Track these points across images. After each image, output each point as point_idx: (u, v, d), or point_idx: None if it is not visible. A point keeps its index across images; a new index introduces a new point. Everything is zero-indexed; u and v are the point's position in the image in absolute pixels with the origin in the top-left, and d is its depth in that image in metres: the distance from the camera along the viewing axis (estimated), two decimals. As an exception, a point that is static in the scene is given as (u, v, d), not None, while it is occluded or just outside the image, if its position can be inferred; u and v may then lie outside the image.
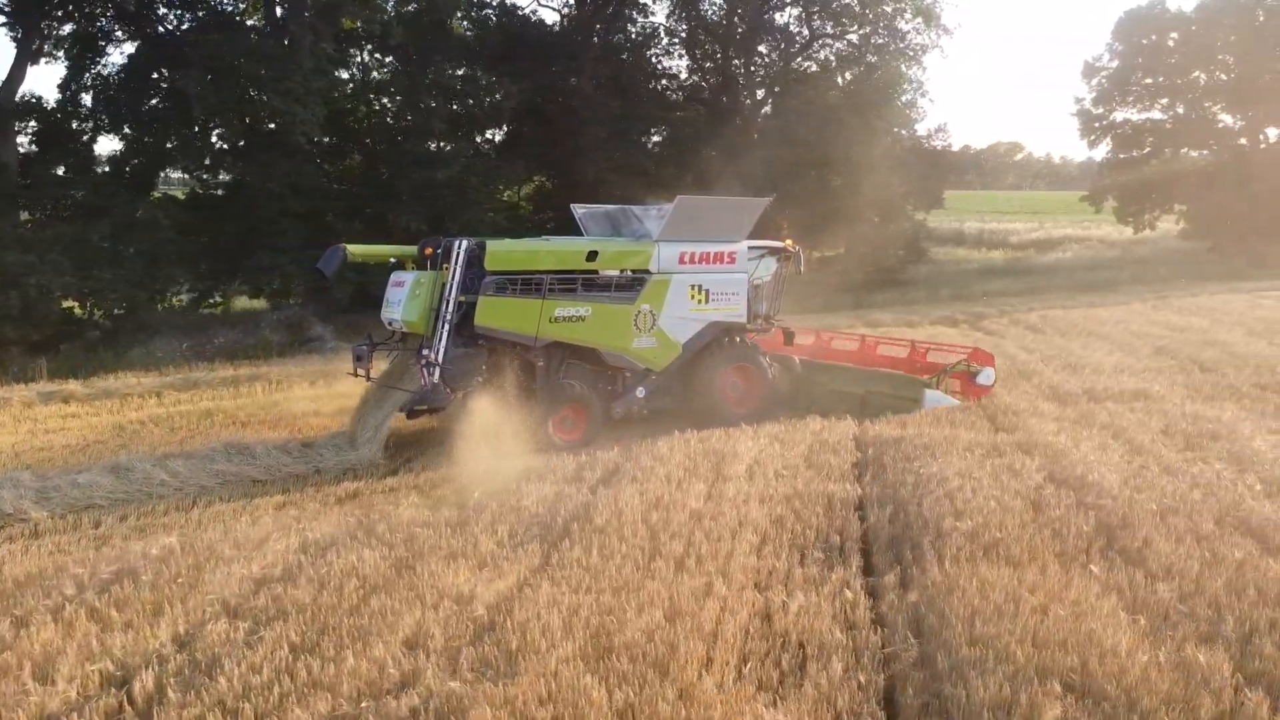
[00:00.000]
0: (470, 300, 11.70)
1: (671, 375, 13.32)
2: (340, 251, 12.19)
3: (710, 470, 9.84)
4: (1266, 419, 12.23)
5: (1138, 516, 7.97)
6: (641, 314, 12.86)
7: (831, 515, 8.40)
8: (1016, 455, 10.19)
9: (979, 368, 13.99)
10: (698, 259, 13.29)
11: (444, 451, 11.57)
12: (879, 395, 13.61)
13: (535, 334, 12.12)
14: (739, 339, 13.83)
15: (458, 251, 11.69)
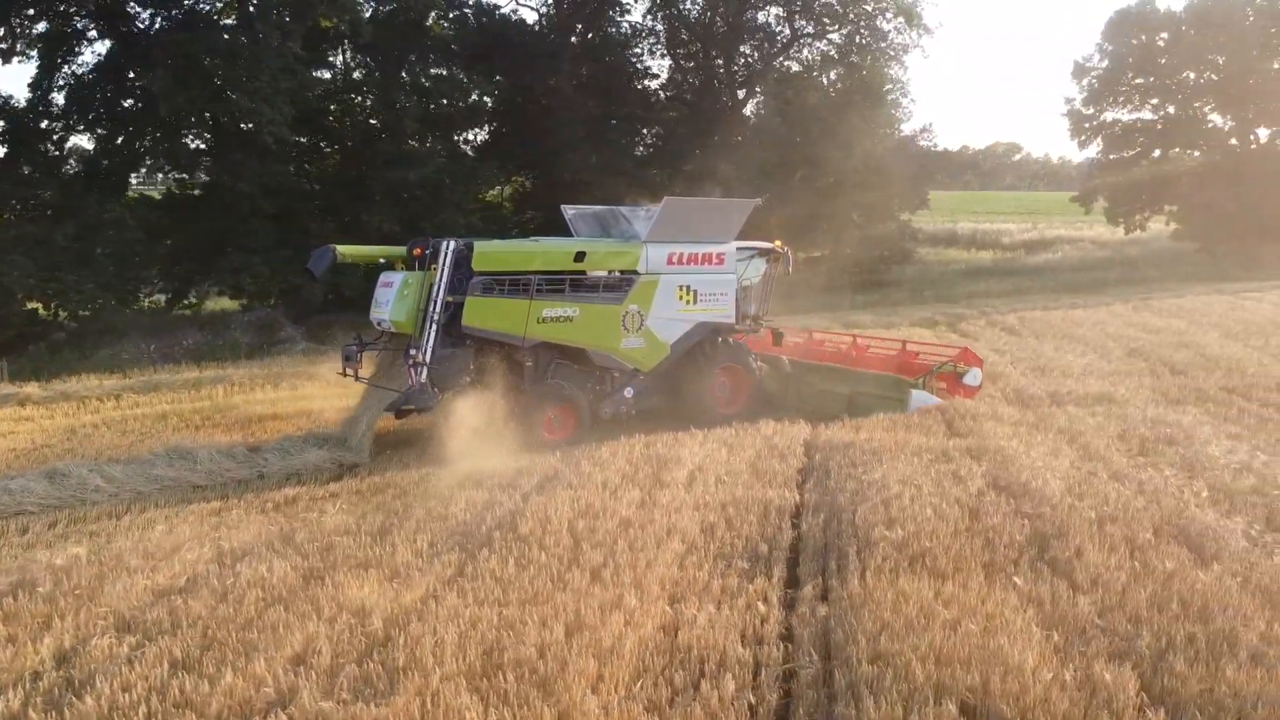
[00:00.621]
0: (458, 300, 11.71)
1: (659, 375, 13.33)
2: (329, 252, 12.20)
3: (649, 477, 9.64)
4: (1228, 423, 12.05)
5: (1074, 525, 7.77)
6: (629, 314, 12.89)
7: (765, 524, 8.21)
8: (964, 461, 10.00)
9: (966, 368, 13.99)
10: (686, 260, 13.32)
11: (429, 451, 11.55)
12: (866, 396, 13.63)
13: (523, 334, 12.14)
14: (727, 340, 13.83)
15: (445, 252, 11.69)
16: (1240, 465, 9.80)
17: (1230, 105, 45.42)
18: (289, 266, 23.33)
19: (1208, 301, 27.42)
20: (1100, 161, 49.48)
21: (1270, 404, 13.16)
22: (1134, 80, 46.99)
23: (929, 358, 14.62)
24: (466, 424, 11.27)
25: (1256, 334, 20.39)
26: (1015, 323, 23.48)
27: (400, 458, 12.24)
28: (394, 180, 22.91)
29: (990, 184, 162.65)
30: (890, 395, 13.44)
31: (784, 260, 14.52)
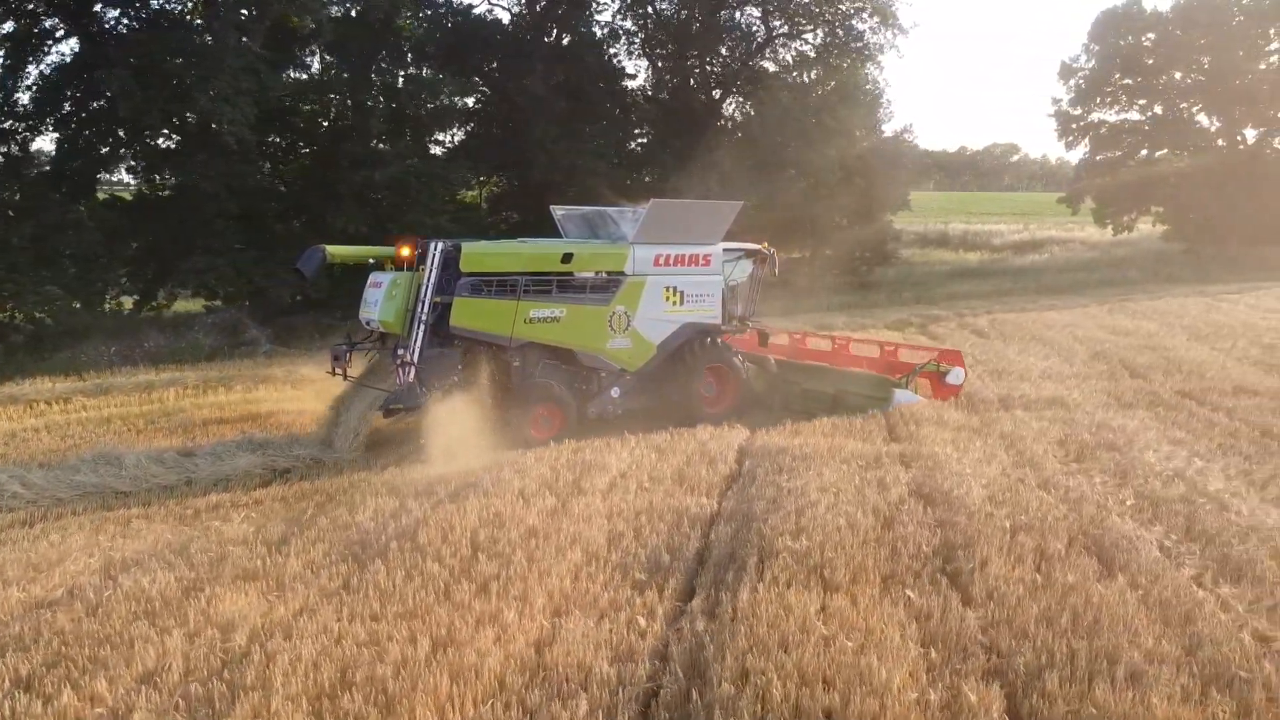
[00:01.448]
0: (446, 301, 11.84)
1: (646, 375, 13.44)
2: (319, 252, 12.36)
3: (570, 484, 9.45)
4: (1174, 428, 11.87)
5: (985, 535, 7.58)
6: (616, 315, 13.02)
7: (674, 533, 8.01)
8: (893, 467, 9.82)
9: (948, 367, 14.08)
10: (672, 261, 13.44)
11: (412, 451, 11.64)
12: (850, 395, 13.72)
13: (510, 334, 12.28)
14: (714, 340, 13.93)
15: (433, 253, 11.82)
16: (1174, 472, 9.61)
17: (1217, 106, 45.24)
18: (255, 267, 23.21)
19: (1184, 304, 27.24)
20: (1087, 162, 49.29)
21: (1221, 408, 12.97)
22: (1121, 81, 46.81)
23: (912, 357, 14.73)
24: (454, 423, 11.35)
25: (1226, 336, 20.21)
26: (986, 325, 23.30)
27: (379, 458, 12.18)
28: (360, 181, 22.72)
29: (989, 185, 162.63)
30: (874, 395, 13.54)
31: (770, 261, 14.66)
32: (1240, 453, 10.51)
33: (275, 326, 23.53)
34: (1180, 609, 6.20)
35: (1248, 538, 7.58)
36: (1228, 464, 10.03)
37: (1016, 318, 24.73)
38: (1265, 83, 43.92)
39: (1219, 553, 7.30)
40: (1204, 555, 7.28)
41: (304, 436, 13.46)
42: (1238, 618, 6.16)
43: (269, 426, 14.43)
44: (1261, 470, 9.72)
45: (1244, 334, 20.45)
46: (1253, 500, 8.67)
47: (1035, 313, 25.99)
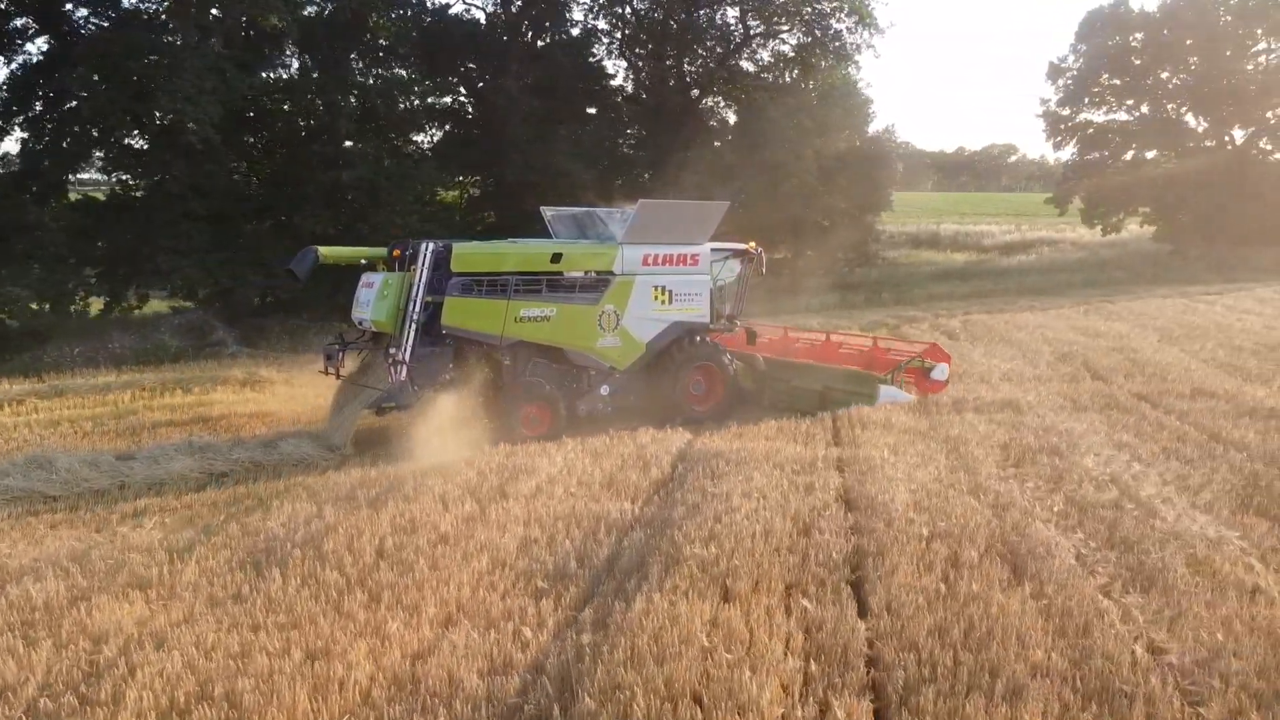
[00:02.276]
0: (437, 300, 12.02)
1: (635, 374, 13.62)
2: (312, 253, 12.42)
3: (494, 489, 9.32)
4: (1123, 431, 11.71)
5: (900, 542, 7.45)
6: (605, 314, 13.18)
7: (589, 540, 7.86)
8: (826, 472, 9.68)
9: (933, 364, 14.21)
10: (661, 260, 13.62)
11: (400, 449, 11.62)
12: (837, 392, 13.84)
13: (501, 333, 12.45)
14: (702, 339, 14.08)
15: (425, 253, 12.01)
16: (1110, 477, 9.46)
17: (1204, 106, 45.10)
18: (223, 268, 23.06)
19: (1162, 305, 27.12)
20: (1074, 162, 49.14)
21: (1174, 411, 12.82)
22: (1110, 81, 46.67)
23: (897, 354, 14.83)
24: (444, 421, 11.50)
25: (1197, 337, 20.07)
26: (958, 326, 23.14)
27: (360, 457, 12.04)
28: (328, 182, 22.56)
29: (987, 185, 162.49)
30: (860, 391, 13.65)
31: (757, 261, 14.84)
32: (1183, 457, 10.36)
33: (243, 327, 23.36)
34: (1079, 620, 6.05)
35: (1167, 545, 7.43)
36: (1167, 468, 9.88)
37: (990, 319, 24.59)
38: (1252, 83, 43.81)
39: (1135, 560, 7.15)
40: (1118, 563, 7.13)
41: (249, 439, 13.29)
42: (1136, 629, 6.01)
43: (218, 429, 14.27)
44: (1198, 474, 9.56)
45: (1216, 335, 20.32)
46: (1181, 505, 8.52)
47: (1011, 314, 25.85)
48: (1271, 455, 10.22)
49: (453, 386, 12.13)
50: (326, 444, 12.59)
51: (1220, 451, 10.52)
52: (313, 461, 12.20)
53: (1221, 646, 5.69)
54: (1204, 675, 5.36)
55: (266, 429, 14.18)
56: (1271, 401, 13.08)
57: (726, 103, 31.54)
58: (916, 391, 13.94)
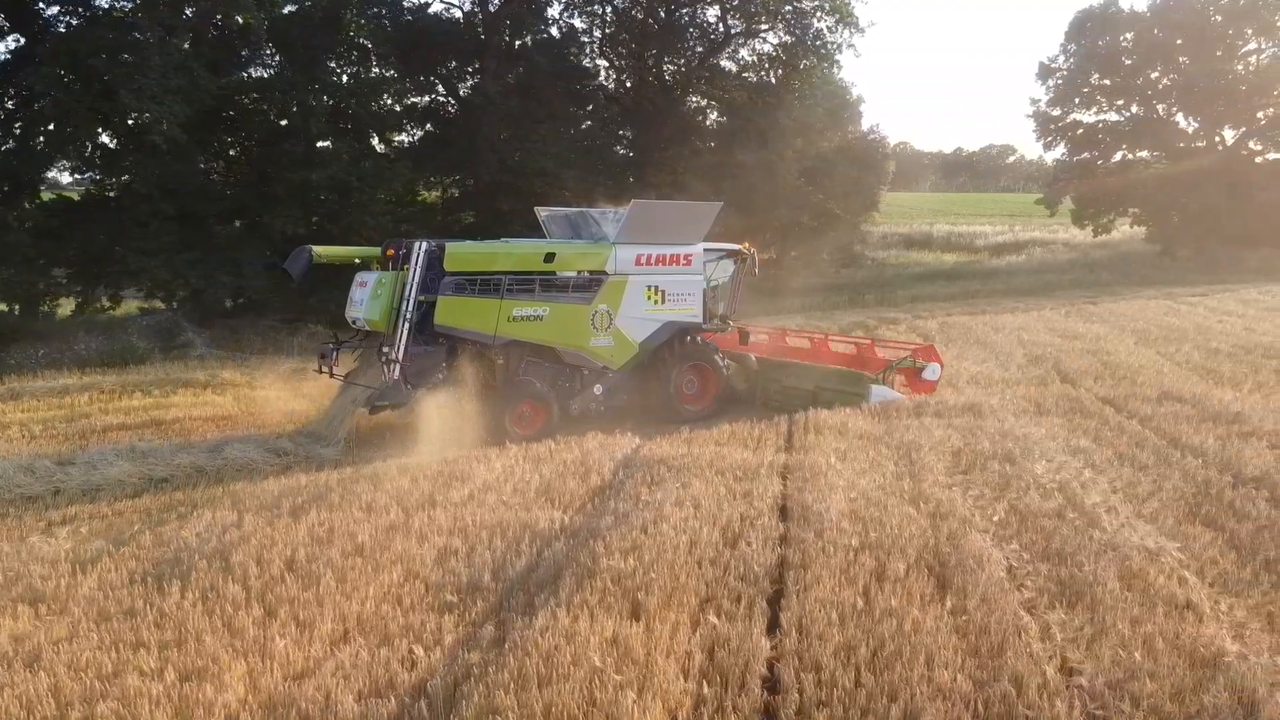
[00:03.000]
0: (430, 300, 12.12)
1: (629, 373, 13.74)
2: (306, 253, 12.45)
3: (424, 496, 9.07)
4: (1082, 436, 11.46)
5: (829, 553, 7.21)
6: (598, 314, 13.30)
7: (511, 551, 7.61)
8: (768, 479, 9.43)
9: (924, 363, 14.25)
10: (654, 261, 13.73)
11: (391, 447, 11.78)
12: (828, 391, 13.91)
13: (494, 333, 12.53)
14: (695, 338, 14.25)
15: (418, 253, 12.10)
16: (1058, 484, 9.20)
17: (1195, 106, 44.83)
18: (193, 269, 22.82)
19: (1144, 306, 26.87)
20: (1065, 163, 48.90)
21: (1137, 415, 12.57)
22: (1101, 81, 46.42)
23: (888, 353, 14.88)
24: (437, 420, 11.64)
25: (1174, 340, 19.82)
26: (935, 328, 22.90)
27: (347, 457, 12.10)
28: (298, 181, 22.31)
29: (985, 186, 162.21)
30: (851, 390, 13.70)
31: (750, 261, 14.97)
32: (1137, 463, 10.11)
33: (214, 329, 23.15)
34: (996, 638, 5.80)
35: (1102, 556, 7.18)
36: (1118, 475, 9.63)
37: (969, 320, 24.34)
38: (1243, 83, 43.57)
39: (1066, 573, 6.90)
40: (1049, 576, 6.88)
41: (197, 443, 13.06)
42: (1053, 648, 5.76)
43: (169, 433, 14.04)
44: (1148, 482, 9.32)
45: (1194, 338, 20.06)
46: (1125, 514, 8.27)
47: (991, 315, 25.60)
48: (1227, 462, 9.96)
49: (446, 386, 12.22)
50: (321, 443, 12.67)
51: (1176, 458, 10.26)
52: (257, 466, 11.98)
53: (1139, 667, 5.45)
54: (1114, 698, 5.12)
55: (220, 433, 13.98)
56: (1238, 406, 12.82)
57: (708, 103, 31.29)
58: (910, 391, 13.97)
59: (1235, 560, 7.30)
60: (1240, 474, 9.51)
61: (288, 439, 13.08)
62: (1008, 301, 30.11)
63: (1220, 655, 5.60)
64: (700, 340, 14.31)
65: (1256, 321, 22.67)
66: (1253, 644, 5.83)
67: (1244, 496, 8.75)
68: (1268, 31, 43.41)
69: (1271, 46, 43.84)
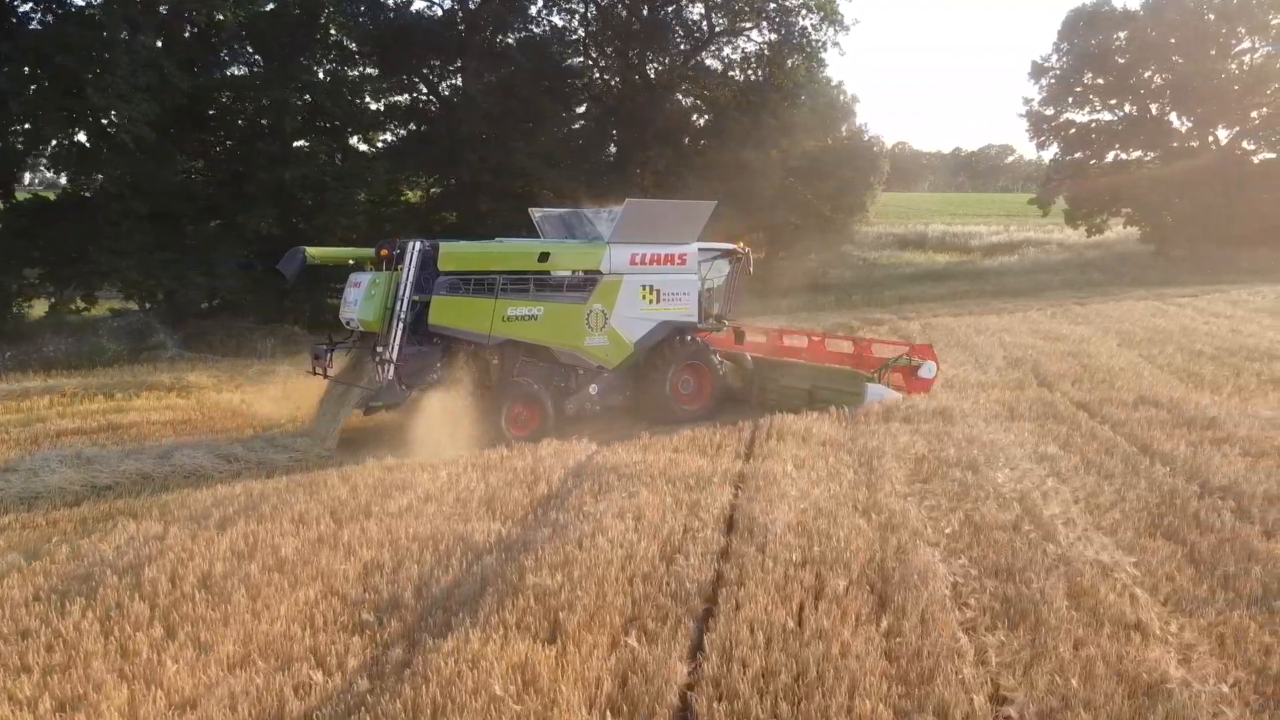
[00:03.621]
0: (424, 300, 12.05)
1: (624, 373, 13.75)
2: (300, 254, 12.42)
3: (360, 506, 8.75)
4: (1051, 442, 11.14)
5: (768, 569, 6.90)
6: (593, 313, 13.28)
7: (440, 566, 7.29)
8: (719, 489, 9.13)
9: (920, 362, 14.18)
10: (649, 260, 13.71)
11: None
12: (824, 390, 13.90)
13: (488, 332, 12.47)
14: (691, 338, 14.20)
15: (411, 253, 12.04)
16: (1018, 494, 8.89)
17: (1188, 106, 44.50)
18: (166, 270, 22.51)
19: (1132, 307, 26.56)
20: (1058, 163, 48.57)
21: (1110, 420, 12.27)
22: (1095, 81, 46.08)
23: (885, 352, 14.84)
24: (431, 421, 11.63)
25: (1159, 341, 19.51)
26: (918, 330, 22.60)
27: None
28: (272, 180, 21.98)
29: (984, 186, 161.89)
30: (847, 390, 13.66)
31: (745, 261, 14.93)
32: (1104, 471, 9.79)
33: (187, 330, 22.82)
34: (928, 663, 5.49)
35: (1052, 572, 6.87)
36: (1082, 484, 9.32)
37: (952, 322, 24.03)
38: (1236, 82, 43.23)
39: (1013, 590, 6.59)
40: (995, 593, 6.57)
41: (150, 449, 12.74)
42: (987, 673, 5.45)
43: (125, 438, 13.73)
44: (1112, 491, 9.01)
45: (1178, 339, 19.76)
46: (1083, 526, 7.96)
47: (973, 316, 25.31)
48: (1196, 470, 9.65)
49: (440, 386, 12.18)
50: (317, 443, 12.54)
51: (1145, 465, 9.95)
52: (205, 473, 11.67)
53: (1074, 695, 5.14)
54: (1044, 731, 4.81)
55: (176, 437, 13.67)
56: (1214, 410, 12.50)
57: (693, 102, 30.95)
58: (906, 391, 13.87)
59: (1193, 576, 6.99)
60: (1208, 483, 9.20)
61: (241, 444, 12.77)
62: (996, 302, 29.85)
63: (1163, 681, 5.29)
64: (696, 340, 14.27)
65: (1243, 323, 22.35)
66: (1199, 669, 5.52)
67: (1209, 507, 8.44)
68: (1261, 30, 43.08)
69: (1265, 45, 43.53)
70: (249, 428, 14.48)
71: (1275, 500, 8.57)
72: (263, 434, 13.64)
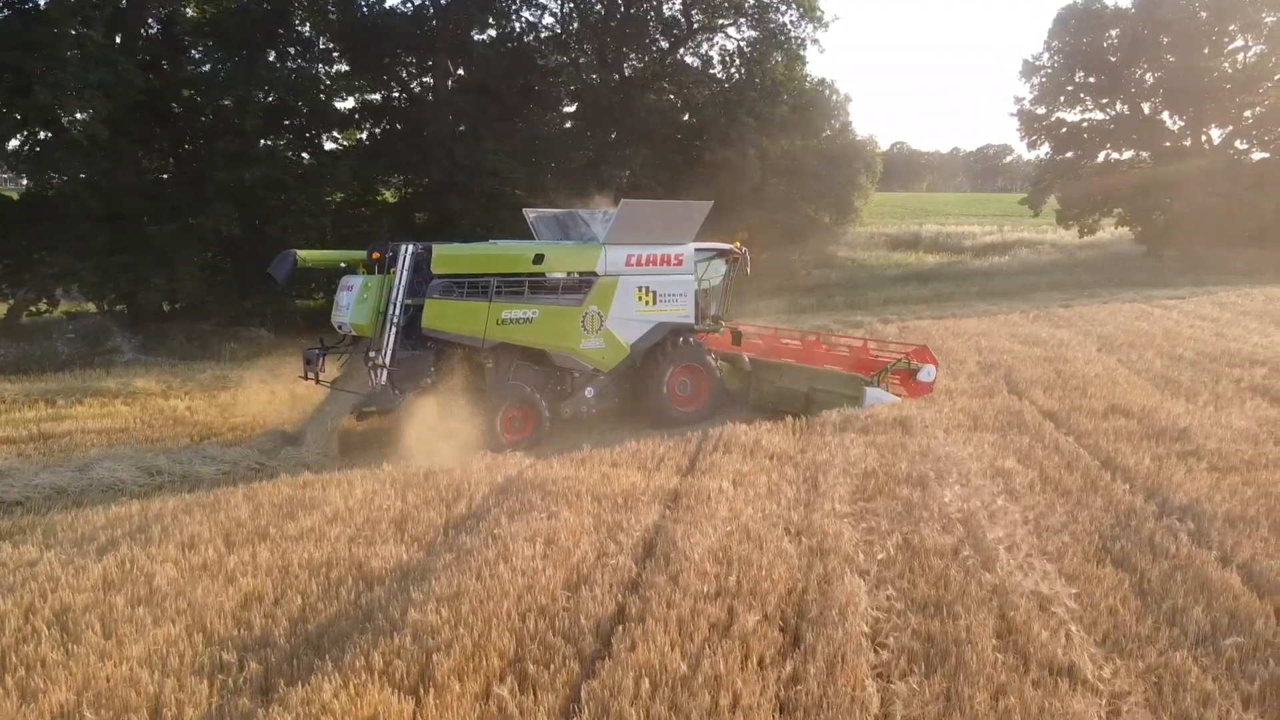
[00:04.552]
0: (418, 303, 11.96)
1: (620, 375, 13.64)
2: (291, 257, 12.20)
3: (258, 529, 8.19)
4: (1010, 455, 10.56)
5: (676, 602, 6.34)
6: (589, 316, 13.18)
7: (324, 598, 6.73)
8: (649, 508, 8.56)
9: (920, 365, 13.97)
10: (645, 261, 13.58)
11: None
12: (823, 393, 13.77)
13: (483, 336, 12.34)
14: (687, 339, 14.09)
15: (404, 255, 11.90)
16: (964, 515, 8.31)
17: (1181, 104, 43.92)
18: (124, 271, 21.96)
19: (1117, 310, 25.97)
20: (1049, 162, 48.02)
21: (1077, 430, 11.70)
22: (1087, 79, 45.50)
23: (884, 355, 14.64)
24: (424, 426, 11.46)
25: (1139, 346, 18.91)
26: (894, 333, 22.02)
27: None
28: (232, 181, 21.41)
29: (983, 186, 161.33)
30: (846, 393, 13.51)
31: (742, 261, 14.83)
32: (1060, 488, 9.23)
33: (145, 334, 22.26)
34: (826, 716, 4.93)
35: (985, 605, 6.31)
36: (1035, 502, 8.75)
37: (931, 325, 23.46)
38: (1229, 81, 42.64)
39: (938, 627, 6.02)
40: (917, 631, 6.00)
41: (77, 459, 12.19)
42: (886, 730, 4.89)
43: (54, 448, 13.24)
44: (1065, 510, 8.44)
45: (1160, 343, 19.17)
46: (1026, 551, 7.39)
47: (957, 320, 24.71)
48: (1157, 486, 9.08)
49: (434, 390, 12.03)
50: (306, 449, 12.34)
51: (1105, 482, 9.38)
52: (124, 487, 11.15)
53: (981, 757, 4.57)
54: (940, 803, 4.24)
55: (108, 447, 13.13)
56: (1186, 420, 11.93)
57: (671, 100, 30.38)
58: (905, 394, 13.67)
59: (1138, 609, 6.42)
60: (1168, 501, 8.64)
61: (169, 456, 12.21)
62: (980, 304, 29.27)
63: (1085, 740, 4.73)
64: (693, 341, 14.13)
65: (1229, 327, 21.77)
66: (1128, 724, 4.96)
67: (1165, 529, 7.88)
68: (1254, 28, 42.52)
69: (1258, 44, 42.97)
70: (186, 437, 13.95)
71: (1236, 522, 8.00)
72: (196, 445, 13.09)
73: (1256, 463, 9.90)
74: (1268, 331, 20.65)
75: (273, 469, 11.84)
